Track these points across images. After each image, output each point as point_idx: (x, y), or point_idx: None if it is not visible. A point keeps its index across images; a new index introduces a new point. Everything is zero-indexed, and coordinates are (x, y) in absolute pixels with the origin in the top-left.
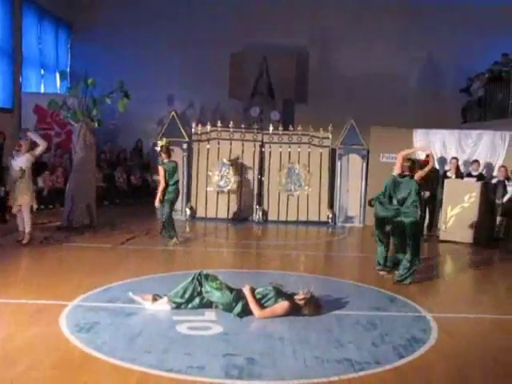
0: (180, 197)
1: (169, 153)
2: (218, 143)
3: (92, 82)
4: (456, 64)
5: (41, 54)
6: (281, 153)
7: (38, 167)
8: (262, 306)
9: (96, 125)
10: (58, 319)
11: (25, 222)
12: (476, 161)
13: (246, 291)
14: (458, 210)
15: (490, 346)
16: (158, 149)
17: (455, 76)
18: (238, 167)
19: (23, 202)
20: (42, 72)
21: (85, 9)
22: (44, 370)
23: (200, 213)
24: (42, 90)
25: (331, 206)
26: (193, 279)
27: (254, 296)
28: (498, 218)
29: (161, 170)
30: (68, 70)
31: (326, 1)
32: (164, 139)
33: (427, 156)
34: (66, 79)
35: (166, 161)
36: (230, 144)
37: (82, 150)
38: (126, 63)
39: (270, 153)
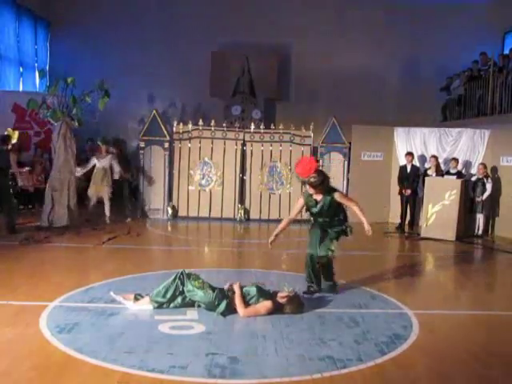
0: (162, 196)
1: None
2: (200, 142)
3: (72, 81)
4: (436, 63)
5: (19, 51)
6: (262, 151)
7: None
8: (246, 305)
9: (76, 124)
10: (38, 320)
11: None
12: (454, 158)
13: (237, 288)
14: (439, 207)
15: (470, 341)
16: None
17: (435, 75)
18: (220, 166)
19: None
20: (21, 70)
21: (64, 6)
22: (24, 372)
23: (182, 212)
24: (21, 89)
25: None
26: (175, 278)
27: (242, 294)
28: (478, 215)
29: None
30: (47, 67)
31: (307, 0)
32: (10, 130)
33: None
34: (45, 77)
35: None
36: (212, 143)
37: (62, 150)
38: (106, 61)
39: (252, 151)
